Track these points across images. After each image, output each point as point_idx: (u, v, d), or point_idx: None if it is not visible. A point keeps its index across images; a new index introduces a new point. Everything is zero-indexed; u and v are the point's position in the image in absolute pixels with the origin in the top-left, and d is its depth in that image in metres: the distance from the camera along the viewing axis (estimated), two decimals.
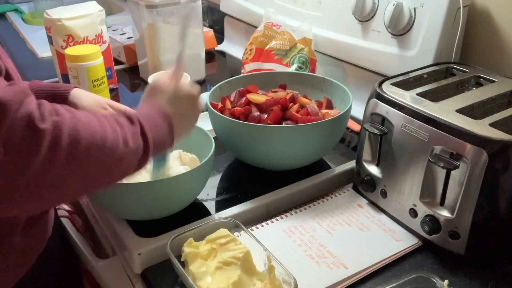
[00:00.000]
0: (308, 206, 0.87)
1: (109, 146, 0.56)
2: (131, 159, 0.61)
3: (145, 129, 0.63)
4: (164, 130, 0.67)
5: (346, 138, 1.07)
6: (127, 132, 0.60)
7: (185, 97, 0.73)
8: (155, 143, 0.64)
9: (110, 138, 0.57)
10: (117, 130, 0.59)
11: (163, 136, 0.67)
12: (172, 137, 0.69)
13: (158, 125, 0.66)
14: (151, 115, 0.66)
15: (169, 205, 0.80)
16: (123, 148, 0.59)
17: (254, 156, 0.92)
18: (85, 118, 0.55)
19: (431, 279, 0.68)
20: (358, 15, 1.10)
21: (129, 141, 0.59)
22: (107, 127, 0.57)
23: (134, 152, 0.61)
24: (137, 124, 0.62)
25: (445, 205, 0.73)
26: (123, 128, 0.60)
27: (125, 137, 0.59)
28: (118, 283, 0.80)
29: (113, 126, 0.58)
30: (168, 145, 0.69)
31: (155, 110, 0.68)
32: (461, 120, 0.71)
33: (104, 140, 0.56)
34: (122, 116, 0.62)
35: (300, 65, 1.18)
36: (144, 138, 0.62)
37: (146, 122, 0.63)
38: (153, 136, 0.64)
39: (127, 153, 0.59)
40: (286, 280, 0.67)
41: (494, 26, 0.96)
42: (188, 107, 0.73)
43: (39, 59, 1.57)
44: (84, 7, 1.25)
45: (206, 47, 1.42)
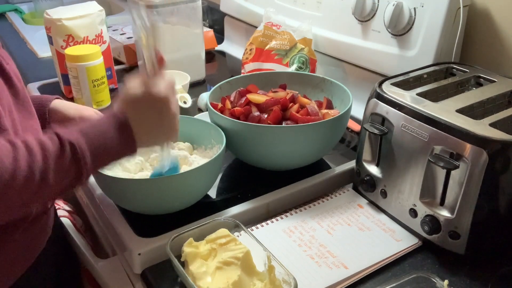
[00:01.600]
0: (308, 206, 0.87)
1: (20, 184, 0.57)
2: (53, 189, 0.61)
3: (78, 153, 0.62)
4: (115, 141, 0.66)
5: (346, 138, 1.07)
6: (50, 164, 0.60)
7: (152, 100, 0.68)
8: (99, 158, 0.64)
9: (21, 175, 0.57)
10: (35, 166, 0.58)
11: (115, 146, 0.66)
12: (131, 145, 0.68)
13: (108, 138, 0.65)
14: (100, 127, 0.65)
15: (178, 200, 0.81)
16: (40, 182, 0.59)
17: (254, 156, 0.92)
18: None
19: (431, 279, 0.68)
20: (358, 15, 1.10)
21: (49, 176, 0.60)
22: (20, 168, 0.57)
23: (58, 183, 0.61)
24: (67, 152, 0.61)
25: (445, 205, 0.73)
26: (47, 161, 0.59)
27: (44, 172, 0.59)
28: (118, 283, 0.80)
29: (30, 163, 0.58)
30: (126, 154, 0.68)
31: (110, 120, 0.66)
32: (461, 120, 0.71)
33: (13, 178, 0.56)
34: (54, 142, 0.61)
35: (300, 65, 1.18)
36: (77, 163, 0.62)
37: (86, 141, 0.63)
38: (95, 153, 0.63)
39: (46, 185, 0.60)
40: (286, 280, 0.67)
41: (494, 26, 0.96)
42: (155, 111, 0.69)
43: (39, 59, 1.57)
44: (84, 7, 1.25)
45: (206, 47, 1.42)
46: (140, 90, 0.68)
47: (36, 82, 1.36)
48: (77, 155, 0.62)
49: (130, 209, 0.83)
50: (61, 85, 1.29)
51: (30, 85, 1.35)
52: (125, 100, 0.69)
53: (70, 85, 1.21)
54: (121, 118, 0.67)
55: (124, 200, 0.82)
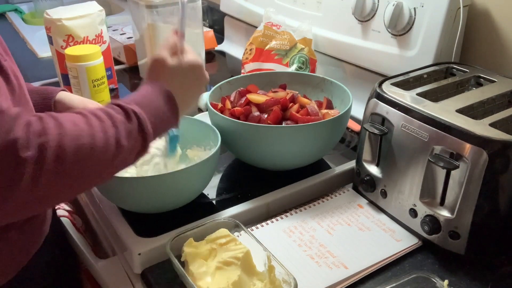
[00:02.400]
0: (308, 206, 0.87)
1: (99, 153, 0.57)
2: (125, 157, 0.61)
3: (142, 122, 0.62)
4: (165, 112, 0.67)
5: (346, 138, 1.07)
6: (121, 131, 0.60)
7: (189, 69, 0.72)
8: (156, 129, 0.65)
9: (99, 145, 0.57)
10: (109, 132, 0.58)
11: (165, 119, 0.67)
12: (177, 117, 0.69)
13: (160, 109, 0.66)
14: (151, 99, 0.66)
15: (176, 198, 0.81)
16: (116, 150, 0.59)
17: (254, 156, 0.92)
18: (72, 129, 0.55)
19: (431, 279, 0.68)
20: (358, 15, 1.10)
21: (122, 142, 0.60)
22: (97, 133, 0.57)
23: (129, 150, 0.61)
24: (134, 120, 0.62)
25: (445, 205, 0.73)
26: (117, 127, 0.59)
27: (118, 138, 0.59)
28: (118, 283, 0.80)
29: (105, 129, 0.58)
30: (172, 125, 0.70)
31: (156, 91, 0.67)
32: (461, 120, 0.71)
33: (92, 149, 0.56)
34: (118, 111, 0.61)
35: (300, 65, 1.18)
36: (142, 132, 0.62)
37: (145, 112, 0.63)
38: (153, 124, 0.64)
39: (120, 153, 0.60)
40: (286, 280, 0.67)
41: (494, 26, 0.96)
42: (192, 79, 0.73)
43: (39, 59, 1.57)
44: (84, 7, 1.25)
45: (206, 47, 1.42)
46: (176, 60, 0.71)
47: (36, 82, 1.36)
48: (142, 124, 0.62)
49: (126, 208, 0.83)
50: (61, 85, 1.29)
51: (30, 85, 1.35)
52: (167, 69, 0.70)
53: (70, 85, 1.20)
54: (167, 90, 0.68)
55: (120, 198, 0.82)
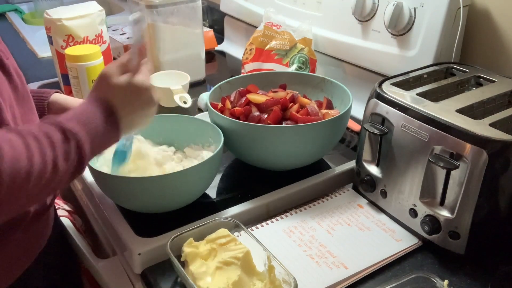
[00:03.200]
0: (308, 206, 0.87)
1: (35, 176, 0.57)
2: (60, 179, 0.61)
3: (81, 143, 0.62)
4: (105, 130, 0.66)
5: (346, 138, 1.07)
6: (58, 153, 0.59)
7: (135, 91, 0.70)
8: (94, 147, 0.64)
9: (36, 168, 0.57)
10: (46, 154, 0.58)
11: (106, 135, 0.67)
12: (117, 134, 0.69)
13: (100, 128, 0.65)
14: (91, 116, 0.65)
15: (179, 198, 0.81)
16: (52, 172, 0.59)
17: (254, 156, 0.92)
18: (10, 152, 0.55)
19: (431, 279, 0.68)
20: (358, 15, 1.10)
21: (59, 164, 0.59)
22: (34, 156, 0.57)
23: (65, 172, 0.61)
24: (71, 140, 0.61)
25: (445, 205, 0.73)
26: (54, 148, 0.59)
27: (55, 160, 0.59)
28: (118, 283, 0.80)
29: (42, 151, 0.58)
30: (112, 141, 0.69)
31: (99, 109, 0.66)
32: (461, 120, 0.71)
33: (29, 174, 0.56)
34: (57, 131, 0.61)
35: (300, 65, 1.18)
36: (79, 152, 0.62)
37: (83, 130, 0.63)
38: (91, 142, 0.63)
39: (56, 175, 0.60)
40: (286, 280, 0.67)
41: (494, 26, 0.96)
42: (138, 101, 0.70)
43: (39, 59, 1.57)
44: (84, 7, 1.25)
45: (206, 47, 1.42)
46: (123, 79, 0.69)
47: (36, 82, 1.36)
48: (79, 144, 0.62)
49: (128, 207, 0.83)
50: (61, 85, 1.29)
51: (30, 85, 1.35)
52: (108, 87, 0.69)
53: (70, 85, 1.20)
54: (110, 107, 0.67)
55: (122, 198, 0.82)
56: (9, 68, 0.69)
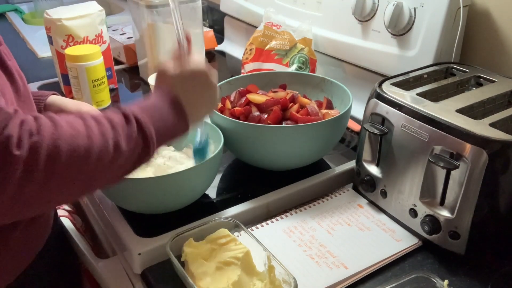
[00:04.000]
0: (308, 206, 0.87)
1: (95, 155, 0.55)
2: (124, 162, 0.60)
3: (143, 125, 0.61)
4: (170, 117, 0.65)
5: (346, 138, 1.07)
6: (120, 134, 0.58)
7: (194, 75, 0.70)
8: (161, 134, 0.63)
9: (96, 147, 0.55)
10: (107, 134, 0.57)
11: (171, 123, 0.65)
12: (185, 122, 0.68)
13: (164, 114, 0.65)
14: (156, 105, 0.65)
15: (179, 199, 0.81)
16: (114, 153, 0.57)
17: (254, 156, 0.92)
18: (69, 130, 0.54)
19: (431, 279, 0.68)
20: (358, 15, 1.10)
21: (121, 145, 0.58)
22: (94, 135, 0.56)
23: (129, 155, 0.60)
24: (133, 122, 0.60)
25: (445, 205, 0.73)
26: (116, 130, 0.58)
27: (117, 141, 0.58)
28: (118, 283, 0.80)
29: (103, 131, 0.57)
30: (180, 131, 0.68)
31: (162, 98, 0.66)
32: (461, 120, 0.71)
33: (89, 151, 0.55)
34: (117, 115, 0.60)
35: (300, 65, 1.18)
36: (143, 135, 0.61)
37: (146, 116, 0.62)
38: (156, 128, 0.62)
39: (119, 157, 0.58)
40: (286, 280, 0.67)
41: (494, 26, 0.96)
42: (199, 85, 0.71)
43: (39, 59, 1.57)
44: (84, 7, 1.25)
45: (206, 47, 1.42)
46: (182, 68, 0.70)
47: (36, 82, 1.36)
48: (143, 128, 0.61)
49: (128, 208, 0.83)
50: (61, 85, 1.29)
51: (30, 85, 1.34)
52: (170, 78, 0.69)
53: (70, 85, 1.21)
54: (173, 96, 0.67)
55: (122, 199, 0.82)
56: (11, 70, 0.69)
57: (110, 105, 1.24)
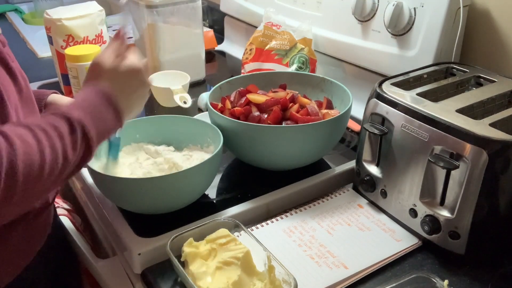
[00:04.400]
0: (308, 206, 0.87)
1: (48, 169, 0.58)
2: (72, 167, 0.62)
3: (86, 131, 0.62)
4: (109, 117, 0.67)
5: (346, 138, 1.07)
6: (67, 143, 0.60)
7: (127, 72, 0.71)
8: (100, 133, 0.65)
9: (48, 160, 0.58)
10: (56, 145, 0.59)
11: (109, 123, 0.68)
12: (119, 119, 0.69)
13: (103, 114, 0.66)
14: (96, 105, 0.66)
15: (179, 199, 0.81)
16: (63, 163, 0.60)
17: (254, 156, 0.92)
18: (22, 146, 0.55)
19: (431, 279, 0.68)
20: (358, 15, 1.10)
21: (68, 154, 0.60)
22: (45, 149, 0.57)
23: (74, 160, 0.62)
24: (77, 130, 0.62)
25: (445, 205, 0.73)
26: (63, 140, 0.60)
27: (64, 151, 0.60)
28: (118, 283, 0.80)
29: (52, 144, 0.58)
30: (116, 127, 0.70)
31: (98, 94, 0.67)
32: (461, 120, 0.71)
33: (42, 166, 0.57)
34: (63, 122, 0.61)
35: (300, 65, 1.18)
36: (86, 140, 0.63)
37: (88, 118, 0.63)
38: (97, 129, 0.64)
39: (67, 165, 0.61)
40: (286, 280, 0.67)
41: (494, 26, 0.96)
42: (131, 82, 0.72)
43: (39, 59, 1.57)
44: (84, 7, 1.25)
45: (206, 47, 1.42)
46: (116, 63, 0.71)
47: (36, 82, 1.36)
48: (87, 134, 0.63)
49: (128, 209, 0.83)
50: (61, 85, 1.29)
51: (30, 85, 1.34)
52: (107, 72, 0.70)
53: (70, 85, 1.20)
54: (110, 94, 0.68)
55: (122, 200, 0.82)
56: (15, 71, 0.69)
57: None
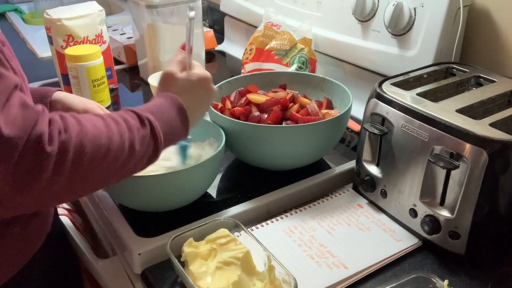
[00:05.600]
0: (308, 206, 0.87)
1: (113, 155, 0.59)
2: (137, 161, 0.63)
3: (155, 129, 0.65)
4: (177, 123, 0.69)
5: (346, 138, 1.07)
6: (135, 136, 0.62)
7: (198, 82, 0.74)
8: (167, 138, 0.67)
9: (115, 147, 0.59)
10: (125, 135, 0.61)
11: (176, 129, 0.69)
12: (187, 128, 0.71)
13: (171, 120, 0.68)
14: (163, 109, 0.68)
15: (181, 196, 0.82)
16: (128, 153, 0.61)
17: (254, 156, 0.92)
18: (92, 129, 0.58)
19: (431, 279, 0.68)
20: (358, 15, 1.10)
21: (135, 146, 0.62)
22: (114, 135, 0.59)
23: (141, 155, 0.63)
24: (147, 126, 0.64)
25: (445, 205, 0.73)
26: (132, 131, 0.62)
27: (132, 142, 0.61)
28: (118, 283, 0.80)
29: (121, 132, 0.60)
30: (182, 136, 0.71)
31: (169, 103, 0.70)
32: (461, 120, 0.71)
33: (109, 150, 0.58)
34: (133, 117, 0.64)
35: (300, 65, 1.18)
36: (154, 138, 0.65)
37: (157, 120, 0.65)
38: (164, 132, 0.66)
39: (132, 157, 0.62)
40: (286, 280, 0.67)
41: (494, 26, 0.96)
42: (201, 91, 0.75)
43: (39, 59, 1.57)
44: (84, 7, 1.25)
45: (206, 47, 1.42)
46: (185, 74, 0.74)
47: (36, 82, 1.36)
48: (155, 131, 0.64)
49: (130, 206, 0.83)
50: (61, 85, 1.29)
51: (30, 85, 1.34)
52: (177, 82, 0.73)
53: (70, 85, 1.20)
54: (179, 102, 0.70)
55: (123, 196, 0.82)
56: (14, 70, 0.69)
57: (110, 105, 1.24)
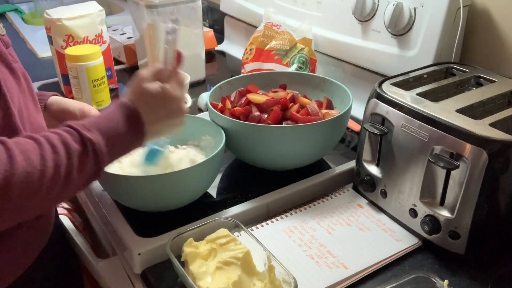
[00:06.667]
0: (308, 206, 0.87)
1: (46, 189, 0.57)
2: (75, 186, 0.61)
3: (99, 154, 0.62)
4: (126, 136, 0.66)
5: (346, 138, 1.07)
6: (73, 164, 0.59)
7: (160, 99, 0.70)
8: (113, 152, 0.64)
9: (48, 181, 0.57)
10: (61, 165, 0.58)
11: (127, 141, 0.67)
12: (140, 139, 0.68)
13: (120, 134, 0.65)
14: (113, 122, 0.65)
15: (182, 196, 0.82)
16: (64, 183, 0.59)
17: (254, 156, 0.92)
18: (23, 165, 0.55)
19: (431, 279, 0.68)
20: (358, 15, 1.10)
21: (73, 174, 0.59)
22: (48, 168, 0.56)
23: (79, 180, 0.61)
24: (90, 153, 0.61)
25: (445, 205, 0.73)
26: (71, 159, 0.59)
27: (69, 171, 0.59)
28: (118, 283, 0.80)
29: (57, 162, 0.58)
30: (133, 146, 0.69)
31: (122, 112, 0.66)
32: (461, 120, 0.71)
33: (40, 185, 0.56)
34: (75, 138, 0.60)
35: (300, 65, 1.18)
36: (96, 161, 0.62)
37: (103, 136, 0.62)
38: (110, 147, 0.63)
39: (69, 185, 0.59)
40: (286, 280, 0.67)
41: (494, 26, 0.96)
42: (162, 110, 0.70)
43: (39, 59, 1.57)
44: (84, 7, 1.25)
45: (206, 47, 1.42)
46: (155, 85, 0.69)
47: (36, 82, 1.36)
48: (97, 154, 0.62)
49: (128, 205, 0.83)
50: (61, 85, 1.29)
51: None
52: (139, 92, 0.69)
53: (70, 85, 1.20)
54: (134, 112, 0.67)
55: (123, 196, 0.82)
56: (17, 72, 0.69)
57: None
